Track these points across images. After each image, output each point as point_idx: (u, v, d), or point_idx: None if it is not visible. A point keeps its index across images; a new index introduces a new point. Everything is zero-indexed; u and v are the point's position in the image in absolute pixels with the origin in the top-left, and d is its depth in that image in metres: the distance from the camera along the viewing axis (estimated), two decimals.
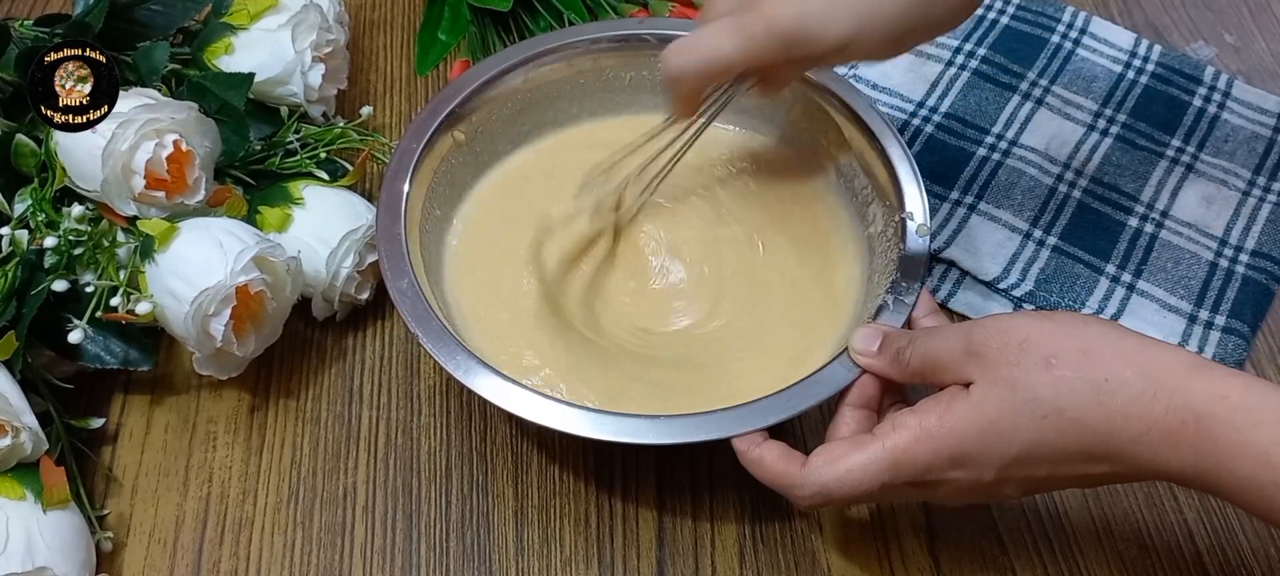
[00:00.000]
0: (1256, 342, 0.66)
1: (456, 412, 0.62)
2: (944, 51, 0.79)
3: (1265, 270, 0.68)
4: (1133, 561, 0.57)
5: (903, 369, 0.50)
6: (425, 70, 0.76)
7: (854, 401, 0.52)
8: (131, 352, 0.58)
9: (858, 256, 0.62)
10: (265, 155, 0.66)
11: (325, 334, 0.65)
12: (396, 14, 0.83)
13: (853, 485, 0.48)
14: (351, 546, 0.57)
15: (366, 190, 0.70)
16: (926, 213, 0.59)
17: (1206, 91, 0.77)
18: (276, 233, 0.62)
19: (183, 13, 0.68)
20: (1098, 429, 0.44)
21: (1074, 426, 0.44)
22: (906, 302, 0.55)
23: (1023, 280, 0.67)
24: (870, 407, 0.52)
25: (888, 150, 0.61)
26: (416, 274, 0.56)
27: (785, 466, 0.49)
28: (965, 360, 0.47)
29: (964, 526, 0.58)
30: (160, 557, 0.57)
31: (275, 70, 0.66)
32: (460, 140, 0.63)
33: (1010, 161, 0.73)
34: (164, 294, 0.56)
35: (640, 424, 0.51)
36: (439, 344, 0.53)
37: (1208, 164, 0.73)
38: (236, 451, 0.60)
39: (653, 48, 0.66)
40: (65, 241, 0.57)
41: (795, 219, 0.64)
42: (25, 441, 0.54)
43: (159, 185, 0.59)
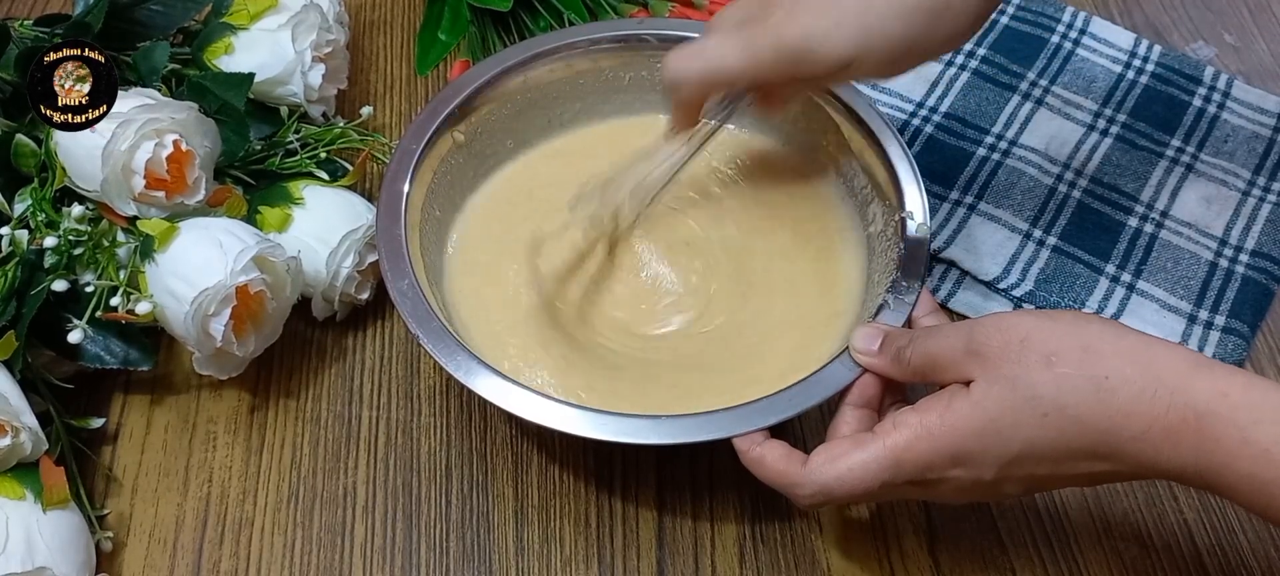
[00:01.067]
0: (1256, 342, 0.66)
1: (456, 412, 0.62)
2: None
3: (1265, 270, 0.68)
4: (1133, 561, 0.57)
5: (903, 368, 0.50)
6: (425, 70, 0.76)
7: (855, 400, 0.52)
8: (131, 352, 0.58)
9: (857, 256, 0.62)
10: (265, 155, 0.66)
11: (325, 334, 0.65)
12: (396, 14, 0.83)
13: (854, 483, 0.48)
14: (351, 546, 0.57)
15: (367, 190, 0.70)
16: (926, 212, 0.59)
17: (1206, 91, 0.77)
18: (276, 232, 0.62)
19: (183, 13, 0.68)
20: (1098, 426, 0.44)
21: (1075, 424, 0.44)
22: (907, 302, 0.55)
23: (1023, 280, 0.67)
24: (871, 407, 0.52)
25: (887, 150, 0.61)
26: (417, 275, 0.56)
27: (786, 466, 0.49)
28: (966, 358, 0.47)
29: (964, 526, 0.58)
30: (160, 557, 0.57)
31: (275, 70, 0.66)
32: (460, 141, 0.63)
33: (1010, 161, 0.73)
34: (164, 294, 0.56)
35: (640, 424, 0.51)
36: (439, 344, 0.53)
37: (1208, 164, 0.73)
38: (236, 451, 0.60)
39: (653, 48, 0.66)
40: (65, 241, 0.57)
41: (794, 219, 0.64)
42: (25, 441, 0.54)
43: (159, 185, 0.59)
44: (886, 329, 0.52)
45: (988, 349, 0.46)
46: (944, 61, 0.78)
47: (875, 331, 0.52)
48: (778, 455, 0.50)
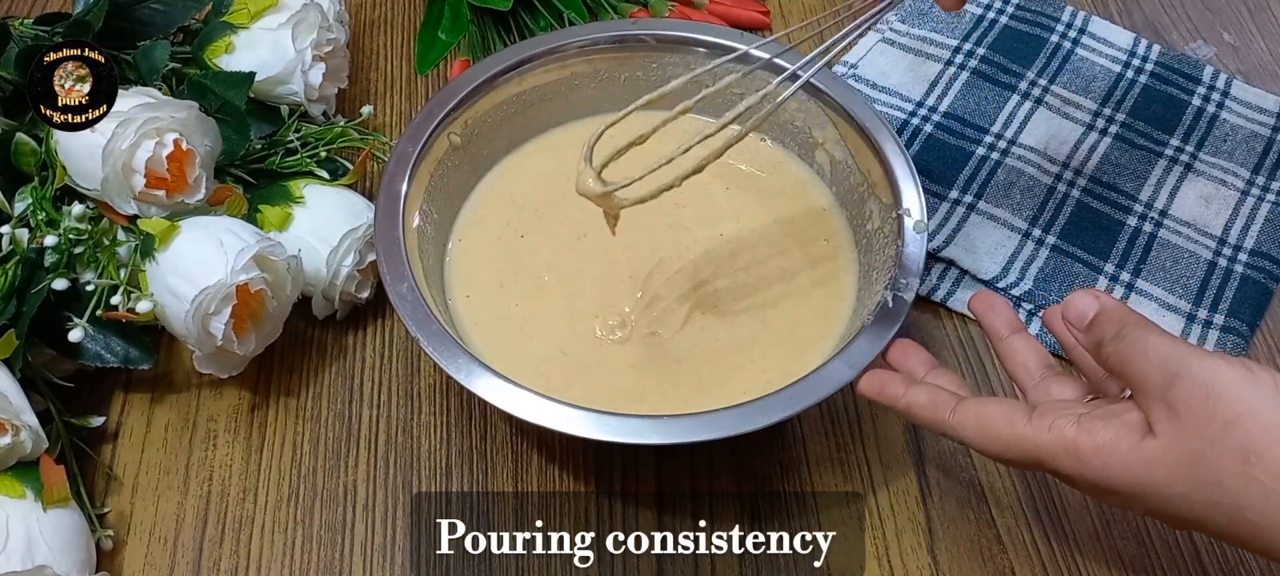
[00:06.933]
0: (1255, 342, 0.66)
1: (456, 411, 0.62)
2: (943, 51, 0.79)
3: (1264, 269, 0.68)
4: (1132, 560, 0.57)
5: (1095, 354, 0.47)
6: (425, 69, 0.76)
7: (1033, 364, 0.51)
8: (132, 351, 0.58)
9: (855, 254, 0.62)
10: (265, 154, 0.66)
11: (325, 332, 0.65)
12: (396, 13, 0.83)
13: (1003, 447, 0.47)
14: (351, 544, 0.57)
15: (367, 189, 0.70)
16: (923, 210, 0.59)
17: (1205, 91, 0.77)
18: (277, 231, 0.62)
19: (183, 11, 0.68)
20: (1272, 537, 0.41)
21: (1251, 528, 0.41)
22: (905, 299, 0.55)
23: (1022, 279, 0.67)
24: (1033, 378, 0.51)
25: (883, 148, 0.61)
26: (416, 277, 0.56)
27: (1010, 412, 0.47)
28: (1157, 404, 0.43)
29: (964, 525, 0.58)
30: (160, 556, 0.57)
31: (276, 69, 0.67)
32: (456, 143, 0.64)
33: (1009, 161, 0.73)
34: (164, 292, 0.56)
35: (640, 424, 0.51)
36: (440, 347, 0.53)
37: (1207, 163, 0.73)
38: (237, 449, 0.60)
39: (651, 48, 0.66)
40: (65, 240, 0.57)
41: (792, 217, 0.65)
42: (25, 439, 0.54)
43: (159, 184, 0.59)
44: (1107, 304, 0.47)
45: (1187, 415, 0.42)
46: (943, 61, 0.78)
47: (1093, 301, 0.47)
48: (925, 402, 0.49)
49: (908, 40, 0.80)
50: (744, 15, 0.81)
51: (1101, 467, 0.44)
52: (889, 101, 0.76)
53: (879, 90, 0.77)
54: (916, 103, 0.76)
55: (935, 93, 0.77)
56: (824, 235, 0.64)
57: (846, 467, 0.60)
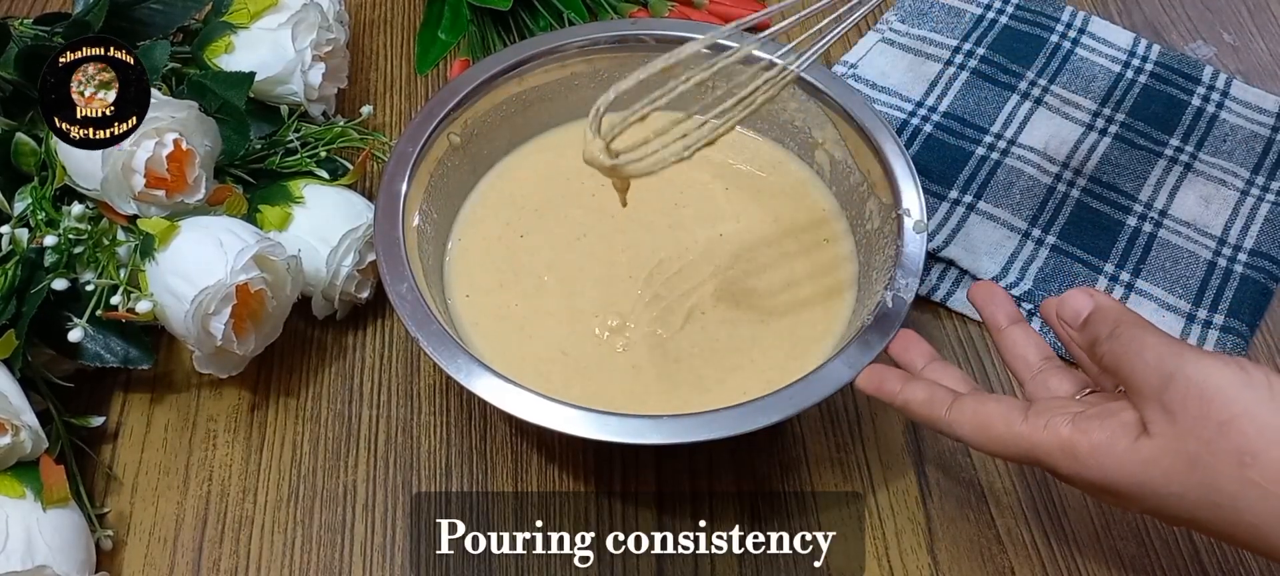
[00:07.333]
0: (1255, 341, 0.66)
1: (456, 411, 0.62)
2: (943, 51, 0.79)
3: (1263, 269, 0.68)
4: (1132, 559, 0.57)
5: (1091, 354, 0.47)
6: (425, 69, 0.76)
7: (1031, 356, 0.51)
8: (131, 351, 0.58)
9: (854, 254, 0.62)
10: (265, 154, 0.66)
11: (325, 332, 0.65)
12: (396, 13, 0.83)
13: (1000, 446, 0.47)
14: (351, 544, 0.57)
15: (367, 189, 0.70)
16: (923, 210, 0.59)
17: (1205, 91, 0.77)
18: (277, 231, 0.62)
19: (183, 11, 0.68)
20: (1270, 538, 0.41)
21: (1249, 529, 0.41)
22: (905, 299, 0.55)
23: (1021, 279, 0.67)
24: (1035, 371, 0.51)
25: (883, 147, 0.61)
26: (416, 277, 0.56)
27: (1006, 409, 0.47)
28: (1153, 405, 0.43)
29: (964, 525, 0.58)
30: (160, 556, 0.57)
31: (275, 69, 0.67)
32: (456, 143, 0.64)
33: (1009, 161, 0.73)
34: (164, 292, 0.56)
35: (640, 424, 0.51)
36: (440, 347, 0.53)
37: (1206, 163, 0.73)
38: (237, 449, 0.60)
39: (651, 48, 0.66)
40: (65, 240, 0.57)
41: (791, 217, 0.65)
42: (25, 439, 0.54)
43: (159, 184, 0.59)
44: (1102, 302, 0.47)
45: (1182, 416, 0.41)
46: (943, 61, 0.78)
47: (1088, 299, 0.47)
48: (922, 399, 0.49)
49: (907, 40, 0.80)
50: (743, 16, 0.81)
51: (1098, 467, 0.44)
52: (889, 101, 0.76)
53: (879, 90, 0.77)
54: (916, 102, 0.76)
55: (935, 93, 0.77)
56: (824, 235, 0.64)
57: (846, 467, 0.60)
